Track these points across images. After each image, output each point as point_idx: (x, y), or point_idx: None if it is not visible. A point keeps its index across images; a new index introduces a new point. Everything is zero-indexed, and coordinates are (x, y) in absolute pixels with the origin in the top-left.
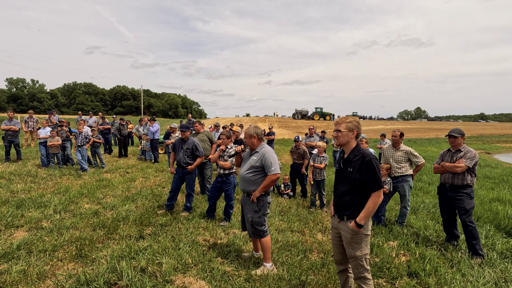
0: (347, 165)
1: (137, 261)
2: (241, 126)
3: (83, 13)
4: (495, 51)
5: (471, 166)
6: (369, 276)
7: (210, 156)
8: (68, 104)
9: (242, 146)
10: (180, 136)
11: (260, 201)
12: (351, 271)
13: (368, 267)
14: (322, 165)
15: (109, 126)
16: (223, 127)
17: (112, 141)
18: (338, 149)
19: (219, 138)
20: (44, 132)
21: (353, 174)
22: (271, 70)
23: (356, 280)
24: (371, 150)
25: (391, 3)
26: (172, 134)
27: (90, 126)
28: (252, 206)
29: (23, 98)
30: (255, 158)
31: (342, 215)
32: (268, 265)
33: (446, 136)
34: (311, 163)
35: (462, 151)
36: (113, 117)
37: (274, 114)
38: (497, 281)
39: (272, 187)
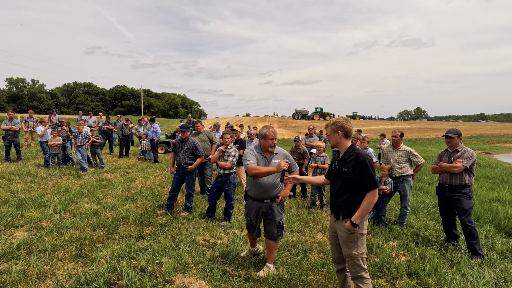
0: (342, 165)
1: (137, 261)
2: (241, 126)
3: (83, 13)
4: (495, 51)
5: (468, 166)
6: (367, 275)
7: (210, 156)
8: (68, 104)
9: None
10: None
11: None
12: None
13: (365, 267)
14: (326, 166)
15: (112, 127)
16: (230, 127)
17: (116, 140)
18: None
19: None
20: (40, 130)
21: (347, 174)
22: (271, 70)
23: (354, 280)
24: (370, 150)
25: (391, 3)
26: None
27: (90, 126)
28: (279, 209)
29: (23, 98)
30: (278, 161)
31: (338, 215)
32: (271, 266)
33: (442, 136)
34: (312, 163)
35: (459, 151)
36: (117, 117)
37: (274, 114)
38: (497, 281)
39: None
